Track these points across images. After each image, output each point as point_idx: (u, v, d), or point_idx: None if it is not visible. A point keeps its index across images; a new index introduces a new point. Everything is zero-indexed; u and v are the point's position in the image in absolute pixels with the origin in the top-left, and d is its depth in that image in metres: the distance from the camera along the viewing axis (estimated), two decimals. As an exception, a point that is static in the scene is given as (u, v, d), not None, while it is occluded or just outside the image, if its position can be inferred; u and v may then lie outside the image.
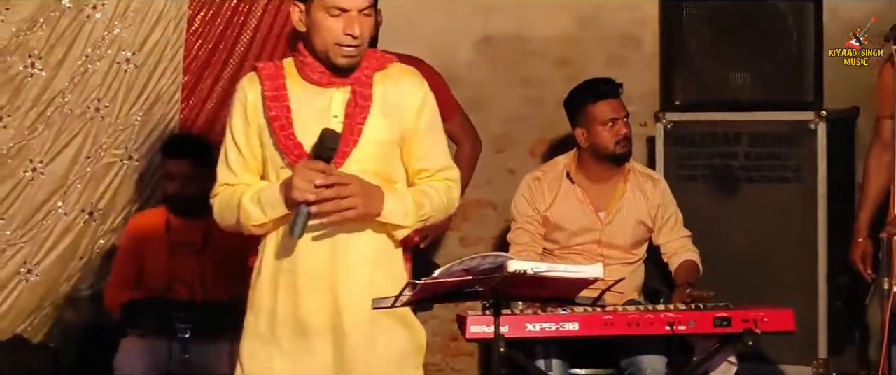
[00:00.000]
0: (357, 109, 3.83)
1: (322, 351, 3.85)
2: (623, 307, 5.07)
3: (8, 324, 6.14)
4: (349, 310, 3.86)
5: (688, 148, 6.06)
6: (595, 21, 6.51)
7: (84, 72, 6.16)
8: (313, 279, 3.83)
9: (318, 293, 3.83)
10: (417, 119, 3.95)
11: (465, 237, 6.56)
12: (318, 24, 3.77)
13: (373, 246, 3.91)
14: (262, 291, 3.90)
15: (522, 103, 6.55)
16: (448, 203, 4.02)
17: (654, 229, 5.54)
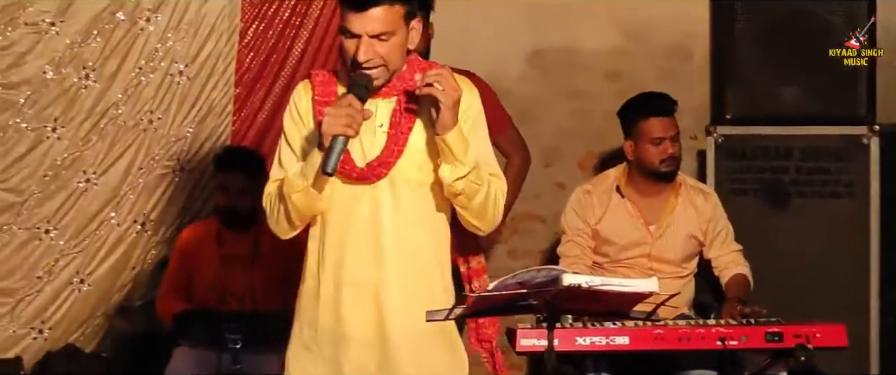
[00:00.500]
0: (402, 119, 3.81)
1: (365, 362, 3.85)
2: (674, 321, 5.05)
3: (61, 334, 6.16)
4: (394, 322, 3.85)
5: (738, 162, 6.04)
6: (645, 34, 6.50)
7: (137, 84, 6.19)
8: (357, 289, 3.82)
9: (361, 303, 3.83)
10: (461, 124, 3.85)
11: (513, 250, 6.56)
12: (340, 42, 3.77)
13: (419, 257, 3.90)
14: (306, 300, 3.90)
15: (571, 116, 6.54)
16: (495, 199, 3.94)
17: (705, 243, 5.54)
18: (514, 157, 5.78)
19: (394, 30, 3.68)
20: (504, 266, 6.40)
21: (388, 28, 3.66)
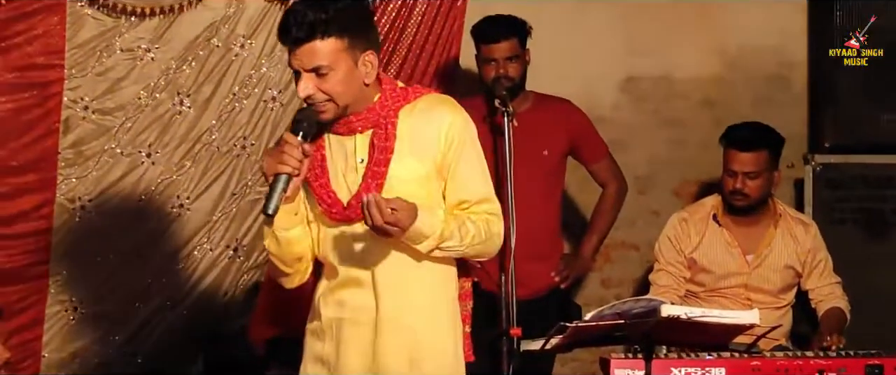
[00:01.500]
0: (378, 151, 3.74)
1: None
2: (771, 353, 5.02)
3: (153, 358, 6.22)
4: (388, 359, 3.80)
5: (837, 191, 6.01)
6: (742, 62, 6.48)
7: (231, 109, 6.24)
8: (356, 327, 3.80)
9: (359, 340, 3.80)
10: (446, 146, 3.76)
11: (607, 278, 6.54)
12: None
13: (414, 291, 3.82)
14: (311, 337, 3.94)
15: (666, 144, 6.52)
16: (487, 237, 3.82)
17: (804, 274, 5.50)
18: (610, 186, 5.78)
19: (331, 64, 3.59)
20: (597, 294, 6.41)
21: (324, 62, 3.58)
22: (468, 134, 3.79)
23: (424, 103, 3.77)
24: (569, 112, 5.71)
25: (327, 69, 3.59)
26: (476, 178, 3.83)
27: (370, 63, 3.66)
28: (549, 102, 5.68)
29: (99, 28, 6.09)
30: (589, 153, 5.73)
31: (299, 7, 3.61)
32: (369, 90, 3.70)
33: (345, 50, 3.60)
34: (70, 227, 6.16)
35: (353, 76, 3.63)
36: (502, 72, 5.45)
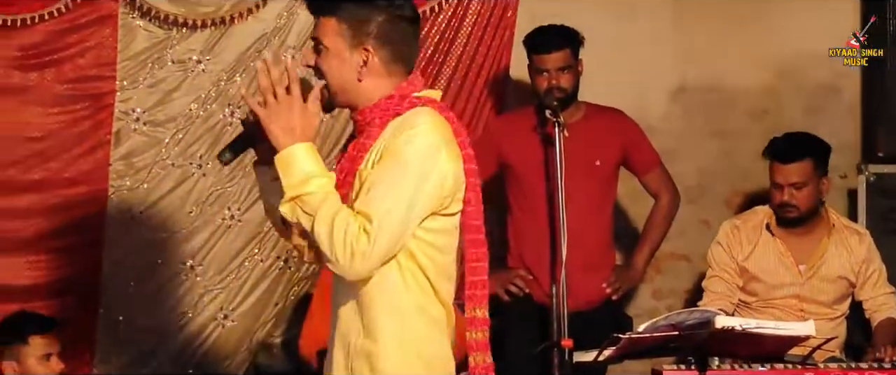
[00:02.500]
0: (355, 150, 3.56)
1: None
2: (825, 364, 5.03)
3: (205, 369, 6.24)
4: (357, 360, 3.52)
5: (891, 200, 5.99)
6: (793, 72, 6.46)
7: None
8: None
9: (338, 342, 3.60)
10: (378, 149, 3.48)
11: (657, 289, 6.52)
12: None
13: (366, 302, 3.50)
14: None
15: (716, 154, 6.50)
16: (336, 235, 3.34)
17: (857, 284, 5.48)
18: (662, 197, 5.77)
19: (328, 44, 3.51)
20: (648, 306, 6.40)
21: (322, 38, 3.51)
22: (400, 142, 3.42)
23: (404, 116, 3.51)
24: (621, 122, 5.72)
25: (323, 47, 3.51)
26: (376, 189, 3.40)
27: (362, 58, 3.51)
28: (602, 112, 5.69)
29: (150, 40, 6.13)
30: (641, 163, 5.74)
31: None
32: (372, 87, 3.54)
33: (342, 35, 3.50)
34: (121, 239, 6.19)
35: (344, 63, 3.51)
36: (555, 83, 5.45)
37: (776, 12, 6.41)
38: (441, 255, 3.50)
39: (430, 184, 3.39)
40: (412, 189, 3.37)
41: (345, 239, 3.32)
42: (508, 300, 5.61)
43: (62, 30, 6.05)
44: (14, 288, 6.00)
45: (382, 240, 3.33)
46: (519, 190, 5.61)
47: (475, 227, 3.55)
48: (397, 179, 3.37)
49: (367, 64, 3.50)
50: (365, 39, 3.50)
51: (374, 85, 3.52)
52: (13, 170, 6.07)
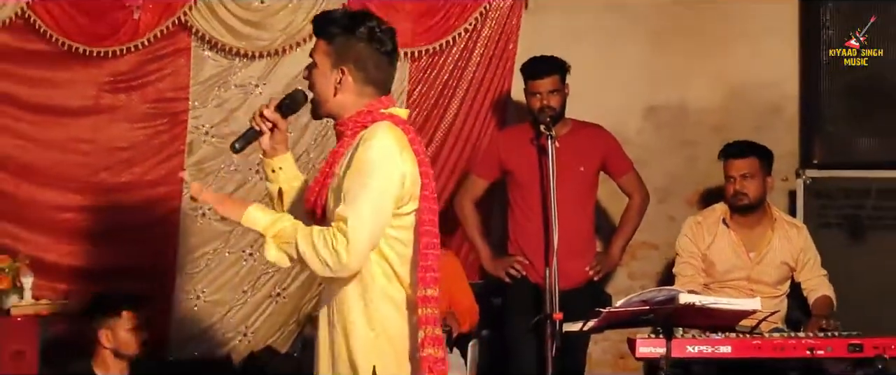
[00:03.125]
0: (331, 157, 3.58)
1: None
2: (769, 334, 5.02)
3: (261, 337, 6.27)
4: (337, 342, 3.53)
5: (823, 200, 5.99)
6: (743, 94, 6.45)
7: (323, 133, 6.25)
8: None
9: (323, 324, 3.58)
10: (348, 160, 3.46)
11: (632, 272, 6.53)
12: None
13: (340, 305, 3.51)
14: None
15: (681, 162, 6.50)
16: (313, 249, 3.35)
17: (796, 268, 5.50)
18: (635, 196, 5.78)
19: (316, 60, 3.54)
20: (624, 285, 6.40)
21: (314, 54, 3.55)
22: (366, 154, 3.39)
23: (368, 129, 3.49)
24: (601, 135, 5.73)
25: (314, 63, 3.55)
26: (347, 195, 3.37)
27: (342, 76, 3.51)
28: (585, 127, 5.70)
29: (217, 68, 6.18)
30: (617, 168, 5.76)
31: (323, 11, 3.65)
32: (346, 102, 3.54)
33: (328, 55, 3.51)
34: (193, 231, 6.24)
35: (325, 78, 3.52)
36: (546, 104, 5.47)
37: (729, 47, 6.42)
38: (403, 247, 3.48)
39: (391, 181, 3.40)
40: (378, 187, 3.36)
41: (325, 244, 3.31)
42: (509, 281, 5.63)
43: (146, 60, 6.09)
44: (104, 270, 6.03)
45: (359, 234, 3.31)
46: (517, 191, 5.62)
47: (429, 221, 3.48)
48: (364, 181, 3.35)
49: (342, 82, 3.51)
50: (345, 62, 3.51)
51: (347, 100, 3.53)
52: (105, 173, 6.11)
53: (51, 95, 6.03)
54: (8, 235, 5.94)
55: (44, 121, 6.04)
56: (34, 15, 5.91)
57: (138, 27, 5.99)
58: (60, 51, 5.97)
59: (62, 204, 6.07)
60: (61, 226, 6.07)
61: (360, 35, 3.51)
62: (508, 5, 6.27)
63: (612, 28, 6.42)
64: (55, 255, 6.01)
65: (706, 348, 4.75)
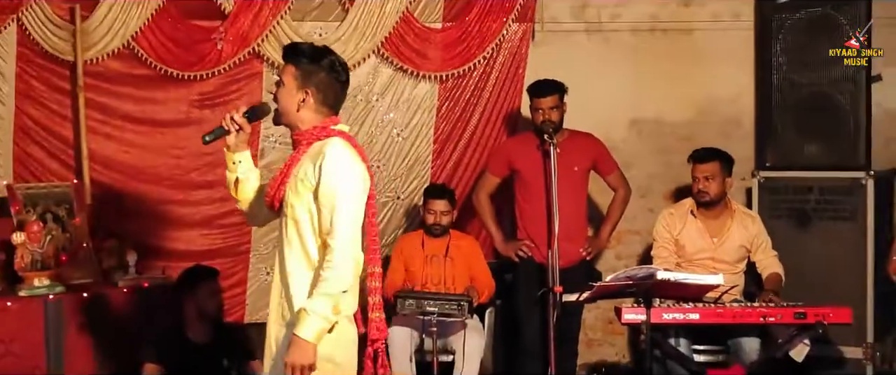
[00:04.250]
0: (289, 162, 3.53)
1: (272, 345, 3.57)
2: (730, 304, 5.00)
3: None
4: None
5: (775, 196, 5.94)
6: (710, 109, 6.43)
7: (370, 142, 6.23)
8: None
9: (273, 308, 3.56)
10: (315, 179, 3.40)
11: (618, 254, 6.51)
12: None
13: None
14: None
15: (658, 165, 6.48)
16: (335, 276, 3.32)
17: (752, 250, 5.44)
18: (620, 191, 5.75)
19: (284, 79, 3.52)
20: (611, 264, 6.38)
21: (282, 75, 3.54)
22: (332, 175, 3.38)
23: (323, 141, 3.48)
24: (592, 141, 5.70)
25: (282, 82, 3.54)
26: (324, 212, 3.38)
27: (305, 97, 3.48)
28: (579, 135, 5.66)
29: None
30: (605, 168, 5.72)
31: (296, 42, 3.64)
32: (305, 117, 3.50)
33: (295, 78, 3.50)
34: (264, 219, 6.22)
35: (291, 96, 3.50)
36: (548, 118, 5.44)
37: (697, 71, 6.39)
38: None
39: (358, 189, 3.43)
40: (349, 196, 3.38)
41: (329, 266, 3.31)
42: (518, 260, 5.59)
43: (226, 82, 6.08)
44: (194, 251, 6.03)
45: (342, 238, 3.32)
46: (523, 187, 5.59)
47: (373, 215, 3.54)
48: (338, 197, 3.35)
49: (305, 101, 3.50)
50: (308, 85, 3.51)
51: (307, 116, 3.53)
52: (194, 173, 6.11)
53: (151, 110, 6.03)
54: (117, 222, 5.95)
55: (146, 131, 6.04)
56: (138, 46, 5.92)
57: (220, 56, 5.98)
58: (158, 74, 5.97)
59: (160, 198, 6.06)
60: (160, 216, 6.07)
61: (322, 65, 3.52)
62: (519, 37, 6.24)
63: (601, 56, 6.40)
64: (155, 239, 6.01)
65: (679, 315, 4.77)
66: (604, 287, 4.42)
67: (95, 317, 5.20)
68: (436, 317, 5.23)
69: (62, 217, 5.57)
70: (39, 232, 5.20)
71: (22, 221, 5.32)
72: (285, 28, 6.01)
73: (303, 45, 3.58)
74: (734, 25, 6.31)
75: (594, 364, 6.37)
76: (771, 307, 4.84)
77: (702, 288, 4.53)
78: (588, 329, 6.41)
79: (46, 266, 5.17)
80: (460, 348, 5.33)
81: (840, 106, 5.87)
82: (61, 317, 5.05)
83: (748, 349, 5.11)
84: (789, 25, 5.99)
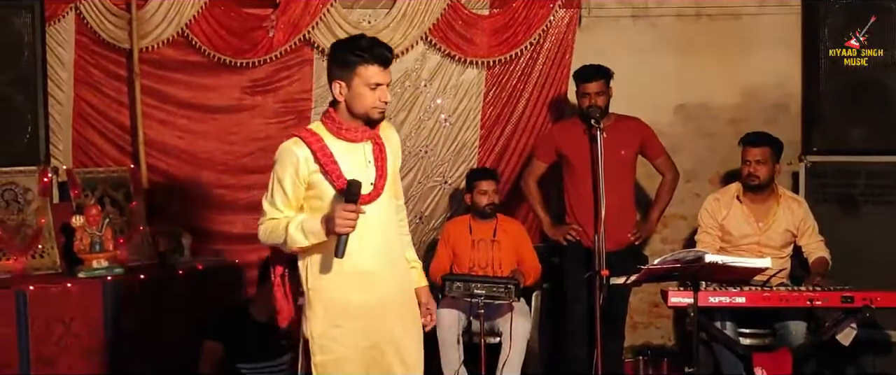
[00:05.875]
0: (382, 154, 3.64)
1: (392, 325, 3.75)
2: (776, 287, 4.97)
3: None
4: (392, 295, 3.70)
5: (822, 180, 5.91)
6: (756, 93, 6.38)
7: (419, 127, 6.27)
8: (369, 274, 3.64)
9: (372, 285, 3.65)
10: (398, 158, 3.77)
11: (664, 238, 6.49)
12: (359, 94, 3.55)
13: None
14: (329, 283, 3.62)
15: (704, 149, 6.44)
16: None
17: (798, 235, 5.41)
18: (667, 175, 5.72)
19: (376, 81, 3.60)
20: (658, 248, 6.37)
21: (373, 77, 3.58)
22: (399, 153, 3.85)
23: (385, 126, 3.71)
24: (639, 125, 5.68)
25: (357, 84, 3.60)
26: (399, 181, 3.88)
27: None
28: (625, 119, 5.65)
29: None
30: (652, 152, 5.70)
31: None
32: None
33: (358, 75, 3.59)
34: (314, 204, 6.27)
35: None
36: (593, 103, 5.42)
37: (743, 55, 6.34)
38: None
39: None
40: None
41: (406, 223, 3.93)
42: (565, 244, 5.60)
43: (278, 69, 6.15)
44: (245, 235, 6.05)
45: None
46: (571, 172, 5.58)
47: None
48: None
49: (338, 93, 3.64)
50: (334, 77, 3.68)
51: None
52: (247, 159, 6.18)
53: (204, 97, 6.10)
54: (173, 206, 6.03)
55: (200, 116, 6.12)
56: (191, 34, 5.99)
57: (272, 43, 6.04)
58: (211, 62, 6.04)
59: (214, 182, 6.14)
60: (214, 200, 6.15)
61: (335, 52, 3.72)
62: (565, 23, 6.22)
63: (647, 41, 6.37)
64: (209, 222, 6.10)
65: (725, 298, 4.76)
66: (651, 269, 4.41)
67: (152, 298, 5.29)
68: (483, 300, 5.24)
69: (120, 201, 5.67)
70: (98, 215, 5.30)
71: (81, 205, 5.42)
72: (335, 15, 6.05)
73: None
74: (781, 10, 6.25)
75: (639, 347, 6.37)
76: (818, 290, 4.81)
77: (749, 271, 4.51)
78: (633, 313, 6.41)
79: (105, 248, 5.27)
80: (507, 330, 5.35)
81: (888, 90, 5.81)
82: (120, 298, 5.15)
83: (795, 332, 5.08)
84: (837, 9, 5.93)
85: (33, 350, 4.89)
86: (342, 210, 3.43)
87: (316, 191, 3.58)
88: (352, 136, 3.60)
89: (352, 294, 3.60)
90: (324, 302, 3.60)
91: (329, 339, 3.60)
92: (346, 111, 3.60)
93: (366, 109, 3.57)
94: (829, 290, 4.81)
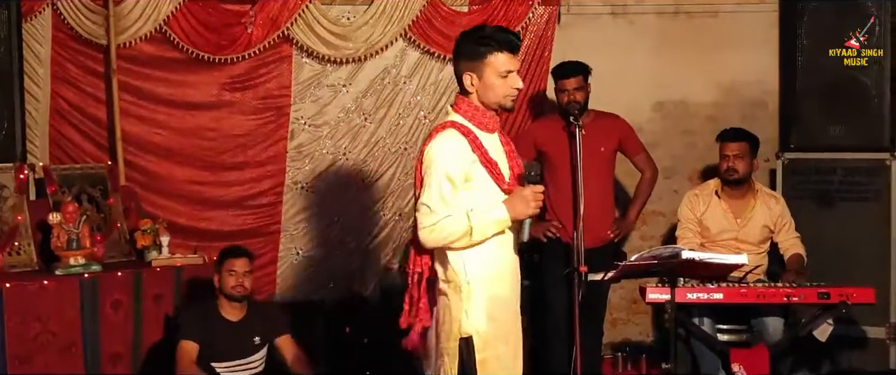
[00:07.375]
0: (509, 143, 3.65)
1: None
2: (753, 283, 5.00)
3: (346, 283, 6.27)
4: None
5: (799, 177, 5.95)
6: (734, 91, 6.41)
7: (397, 125, 6.26)
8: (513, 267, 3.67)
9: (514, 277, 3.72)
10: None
11: (643, 235, 6.52)
12: (491, 83, 3.50)
13: None
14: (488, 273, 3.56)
15: (683, 146, 6.47)
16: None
17: (775, 231, 5.44)
18: (646, 172, 5.73)
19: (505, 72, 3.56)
20: (637, 245, 6.39)
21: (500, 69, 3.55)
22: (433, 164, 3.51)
23: None
24: (618, 122, 5.69)
25: (492, 75, 3.53)
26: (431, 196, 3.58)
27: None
28: (605, 116, 5.66)
29: (313, 71, 6.19)
30: (631, 149, 5.71)
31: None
32: None
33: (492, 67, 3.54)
34: (294, 201, 6.25)
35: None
36: (572, 99, 5.43)
37: (721, 53, 6.38)
38: None
39: None
40: None
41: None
42: (545, 241, 5.61)
43: (257, 65, 6.12)
44: (225, 232, 6.09)
45: None
46: (551, 168, 5.58)
47: None
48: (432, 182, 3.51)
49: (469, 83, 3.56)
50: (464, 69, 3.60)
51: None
52: (226, 155, 6.15)
53: (182, 93, 6.07)
54: (150, 203, 6.00)
55: (178, 113, 6.08)
56: (169, 30, 5.96)
57: (251, 40, 6.01)
58: (190, 58, 6.01)
59: (192, 178, 6.11)
60: (192, 196, 6.12)
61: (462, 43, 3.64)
62: (544, 20, 6.24)
63: (626, 38, 6.39)
64: (187, 219, 6.07)
65: (703, 295, 4.77)
66: (629, 266, 4.43)
67: (130, 296, 5.26)
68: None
69: (97, 197, 5.64)
70: (75, 212, 5.26)
71: (57, 202, 5.38)
72: (314, 12, 6.04)
73: None
74: (759, 8, 6.29)
75: (618, 343, 6.39)
76: (795, 287, 4.84)
77: (726, 267, 4.54)
78: (612, 309, 6.43)
79: (82, 245, 5.23)
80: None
81: (864, 88, 5.85)
82: (97, 296, 5.11)
83: (772, 328, 5.11)
84: (813, 7, 5.97)
85: (10, 348, 4.85)
86: (532, 191, 3.41)
87: (470, 184, 3.47)
88: (489, 126, 3.54)
89: (505, 287, 3.57)
90: (485, 295, 3.50)
91: (492, 336, 3.49)
92: (478, 101, 3.52)
93: (499, 98, 3.50)
94: (805, 286, 4.84)
